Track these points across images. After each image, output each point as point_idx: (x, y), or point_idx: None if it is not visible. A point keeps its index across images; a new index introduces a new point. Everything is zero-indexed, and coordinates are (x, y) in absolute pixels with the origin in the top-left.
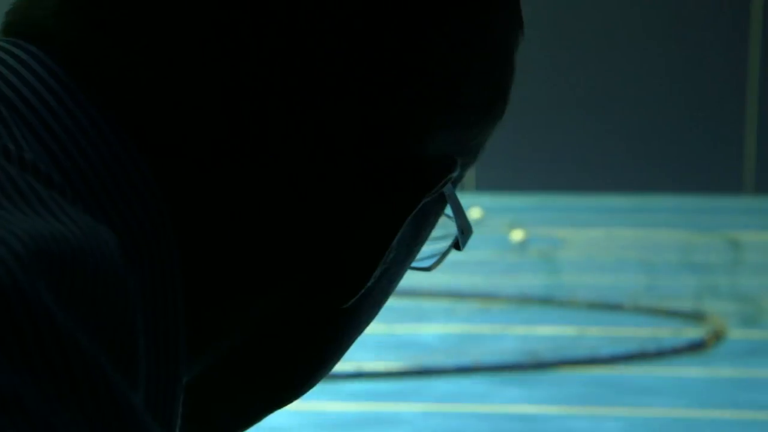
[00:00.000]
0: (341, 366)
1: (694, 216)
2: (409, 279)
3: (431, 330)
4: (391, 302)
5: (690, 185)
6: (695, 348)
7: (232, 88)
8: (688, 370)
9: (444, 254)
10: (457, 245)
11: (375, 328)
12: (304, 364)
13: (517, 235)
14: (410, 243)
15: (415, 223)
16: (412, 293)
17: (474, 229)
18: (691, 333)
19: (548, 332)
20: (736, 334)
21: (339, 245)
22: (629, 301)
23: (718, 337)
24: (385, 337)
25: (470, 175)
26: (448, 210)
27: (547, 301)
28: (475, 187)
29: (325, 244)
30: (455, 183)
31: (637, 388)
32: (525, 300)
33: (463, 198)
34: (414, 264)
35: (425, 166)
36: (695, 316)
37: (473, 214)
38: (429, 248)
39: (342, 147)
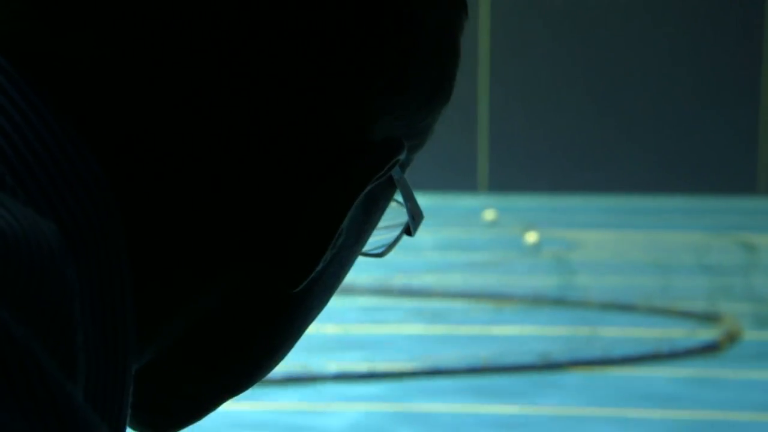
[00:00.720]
0: (355, 367)
1: (708, 217)
2: (422, 279)
3: (444, 331)
4: (403, 303)
5: (704, 186)
6: (709, 349)
7: (177, 78)
8: (702, 372)
9: (396, 240)
10: (409, 231)
11: (386, 329)
12: (257, 350)
13: (531, 236)
14: (360, 227)
15: (364, 207)
16: (425, 294)
17: (488, 230)
18: (705, 334)
19: (561, 333)
20: (750, 335)
21: (288, 229)
22: (643, 302)
23: (732, 338)
24: (396, 338)
25: (483, 176)
26: (400, 197)
27: (560, 302)
28: (488, 189)
29: (273, 228)
30: (403, 167)
31: (650, 389)
32: (538, 301)
33: (476, 199)
34: (366, 250)
35: (372, 149)
36: (709, 318)
37: (487, 216)
38: (382, 236)
39: (289, 132)
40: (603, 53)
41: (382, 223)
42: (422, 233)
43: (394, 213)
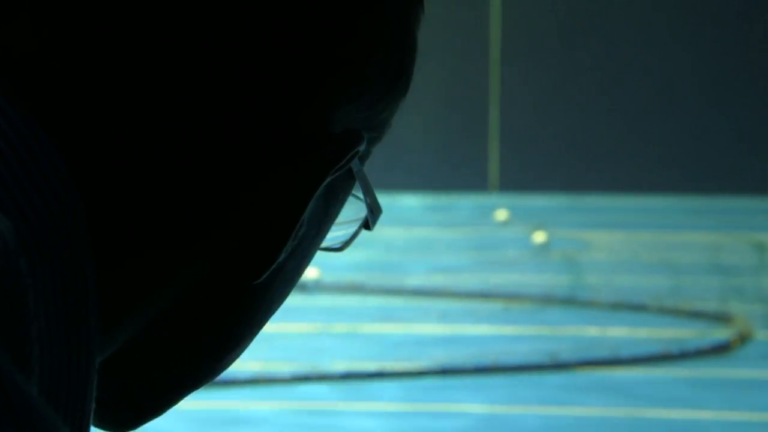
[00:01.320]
0: (364, 366)
1: (719, 217)
2: (433, 279)
3: (453, 330)
4: (414, 302)
5: (715, 186)
6: (720, 350)
7: (134, 76)
8: (713, 372)
9: (354, 234)
10: (368, 225)
11: (396, 328)
12: (220, 342)
13: (539, 236)
14: (321, 219)
15: (324, 199)
16: (435, 293)
17: (498, 230)
18: (716, 335)
19: (570, 333)
20: (761, 335)
21: (249, 220)
22: (653, 302)
23: (743, 339)
24: (407, 337)
25: (494, 175)
26: (360, 193)
27: (569, 302)
28: (499, 188)
29: (235, 220)
30: (362, 159)
31: (660, 390)
32: (548, 300)
33: (487, 199)
34: (325, 245)
35: (331, 141)
36: (720, 318)
37: (499, 215)
38: (341, 231)
39: (248, 124)
40: (614, 53)
41: (341, 218)
42: (432, 232)
43: (354, 208)
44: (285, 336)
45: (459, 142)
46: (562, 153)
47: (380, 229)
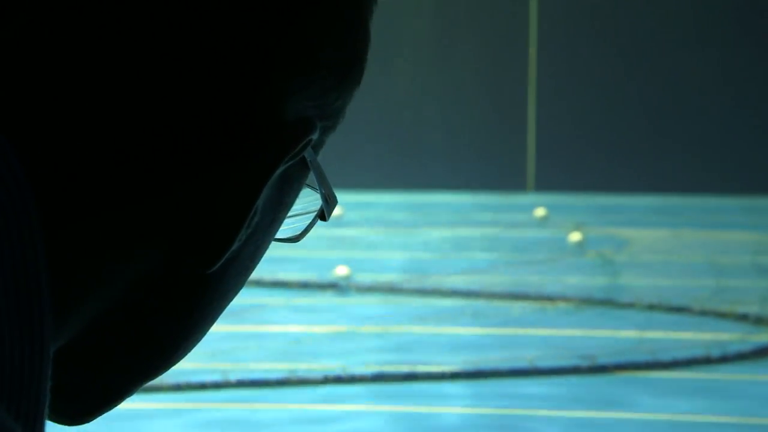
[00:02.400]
0: (395, 368)
1: (762, 217)
2: (468, 279)
3: (488, 331)
4: (449, 303)
5: (759, 186)
6: (762, 353)
7: (91, 70)
8: (754, 376)
9: (310, 225)
10: (323, 215)
11: (430, 329)
12: (174, 332)
13: (575, 236)
14: (275, 208)
15: (278, 188)
16: (469, 294)
17: (535, 230)
18: (759, 338)
19: (608, 335)
20: None
21: (202, 208)
22: (693, 303)
23: None
24: (441, 338)
25: (531, 174)
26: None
27: (607, 303)
28: (536, 188)
29: (188, 208)
30: (316, 148)
31: (700, 393)
32: (585, 302)
33: (523, 198)
34: (281, 235)
35: (284, 129)
36: (763, 321)
37: (537, 214)
38: (297, 222)
39: (200, 112)
40: (652, 52)
41: (297, 209)
42: (468, 232)
43: (309, 198)
44: (313, 337)
45: (497, 140)
46: (599, 152)
47: (416, 229)
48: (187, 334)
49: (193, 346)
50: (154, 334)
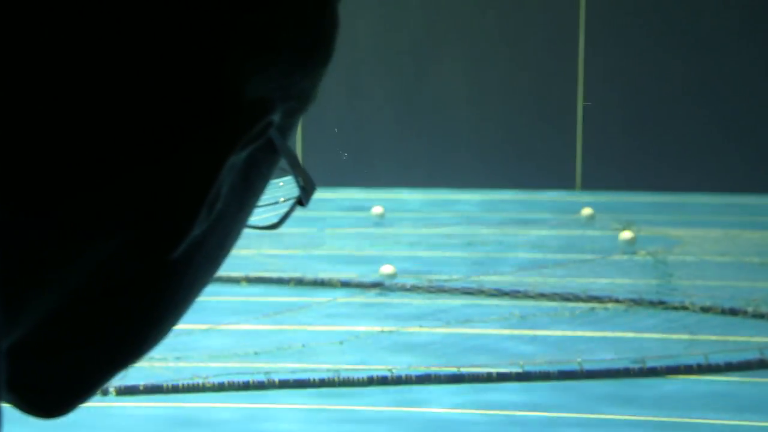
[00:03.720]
0: (443, 369)
1: None
2: (514, 281)
3: (536, 333)
4: (495, 303)
5: None
6: None
7: (46, 44)
8: None
9: (288, 212)
10: (302, 202)
11: (476, 330)
12: (140, 321)
13: (626, 235)
14: (242, 195)
15: (244, 174)
16: (516, 295)
17: (583, 229)
18: None
19: (658, 337)
20: None
21: (161, 193)
22: (748, 306)
23: None
24: (487, 339)
25: (579, 173)
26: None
27: (658, 305)
28: (582, 186)
29: (146, 193)
30: (285, 132)
31: (754, 399)
32: (635, 303)
33: (570, 197)
34: (258, 223)
35: (242, 110)
36: None
37: (585, 213)
38: (275, 210)
39: (155, 93)
40: (703, 49)
41: (276, 196)
42: (515, 231)
43: (289, 185)
44: (358, 335)
45: (545, 139)
46: (649, 150)
47: (462, 229)
48: (153, 323)
49: (163, 336)
50: (118, 324)
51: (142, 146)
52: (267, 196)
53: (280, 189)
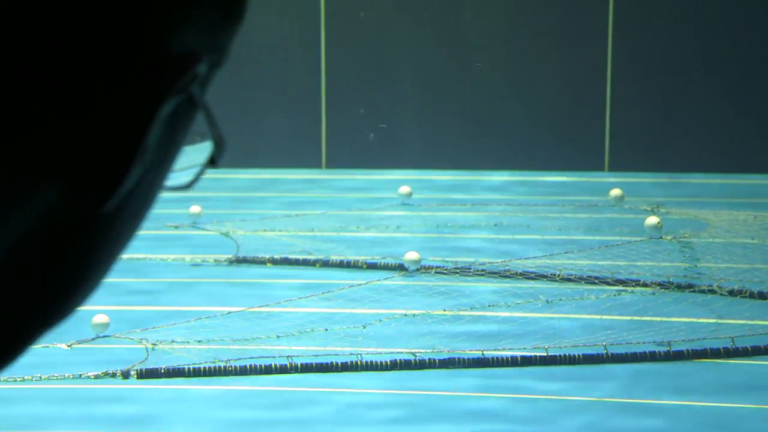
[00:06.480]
0: (468, 353)
1: None
2: (540, 264)
3: (562, 316)
4: (522, 286)
5: None
6: None
7: None
8: None
9: (201, 171)
10: (213, 160)
11: (502, 314)
12: (70, 275)
13: (652, 219)
14: (166, 147)
15: (168, 125)
16: (543, 278)
17: (611, 212)
18: None
19: (685, 321)
20: None
21: (93, 145)
22: None
23: None
24: (512, 322)
25: (606, 154)
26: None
27: (685, 288)
28: (608, 168)
29: (79, 145)
30: (204, 86)
31: None
32: (662, 286)
33: (599, 178)
34: (172, 183)
35: (170, 63)
36: None
37: (613, 195)
38: (188, 171)
39: (84, 46)
40: (735, 30)
41: (193, 160)
42: (543, 212)
43: (201, 148)
44: (381, 318)
45: (573, 120)
46: (678, 131)
47: (489, 210)
48: (83, 278)
49: (91, 291)
50: (49, 277)
51: (76, 98)
52: (180, 158)
53: (193, 151)
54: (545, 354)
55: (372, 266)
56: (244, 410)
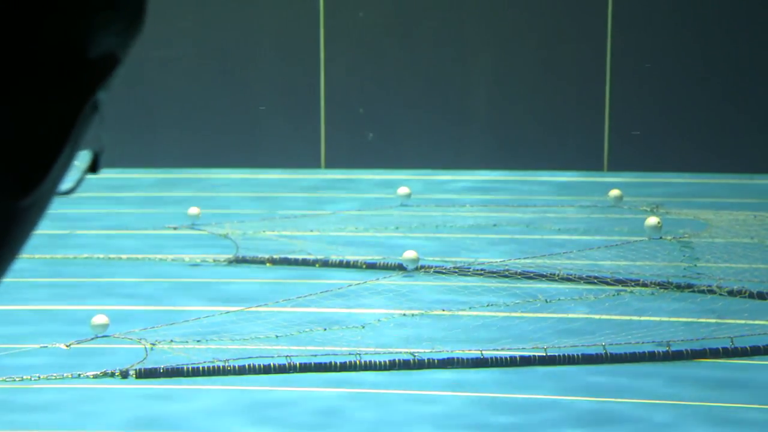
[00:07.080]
0: (466, 353)
1: None
2: (539, 264)
3: (561, 316)
4: (520, 286)
5: None
6: None
7: None
8: None
9: (82, 177)
10: (94, 166)
11: (500, 313)
12: None
13: (652, 219)
14: (72, 147)
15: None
16: (541, 278)
17: (610, 211)
18: None
19: (685, 321)
20: None
21: (19, 141)
22: None
23: None
24: (510, 322)
25: (606, 154)
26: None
27: (684, 288)
28: (607, 168)
29: (5, 141)
30: (106, 90)
31: None
32: (661, 286)
33: (598, 178)
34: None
35: (94, 64)
36: None
37: (612, 195)
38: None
39: (16, 47)
40: (734, 30)
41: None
42: (541, 212)
43: (80, 156)
44: (380, 318)
45: (572, 119)
46: (677, 131)
47: (487, 210)
48: None
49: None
50: None
51: (10, 96)
52: None
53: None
54: (544, 354)
55: (371, 266)
56: (244, 410)
